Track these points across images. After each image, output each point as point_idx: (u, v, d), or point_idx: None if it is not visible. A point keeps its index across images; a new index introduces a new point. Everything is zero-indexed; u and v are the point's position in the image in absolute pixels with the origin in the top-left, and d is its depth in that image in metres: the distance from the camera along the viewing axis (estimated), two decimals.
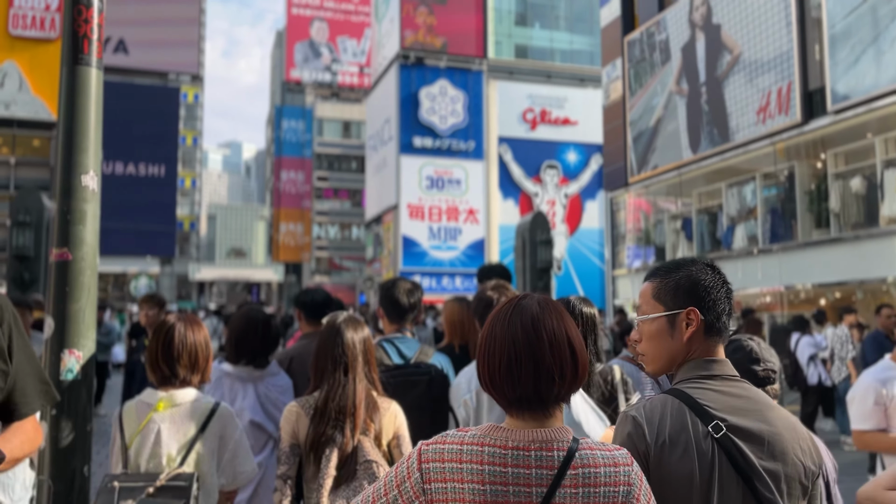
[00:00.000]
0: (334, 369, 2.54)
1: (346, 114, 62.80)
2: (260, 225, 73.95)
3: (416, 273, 39.62)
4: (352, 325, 2.64)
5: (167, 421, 2.44)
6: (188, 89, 63.38)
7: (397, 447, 2.57)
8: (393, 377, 2.96)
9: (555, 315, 1.42)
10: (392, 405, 2.63)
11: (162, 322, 2.67)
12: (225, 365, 3.52)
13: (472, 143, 41.21)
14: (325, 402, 2.49)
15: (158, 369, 2.55)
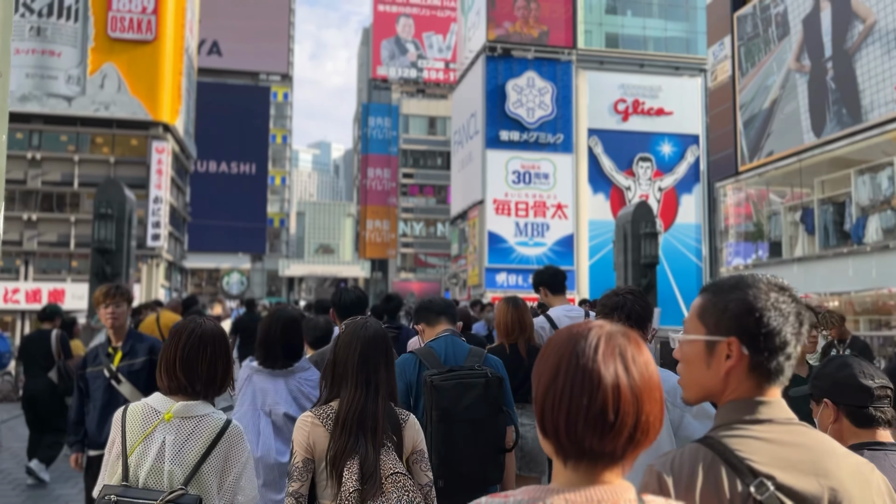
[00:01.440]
0: (353, 377, 2.40)
1: (432, 110, 62.56)
2: (347, 222, 74.80)
3: (502, 270, 38.81)
4: (373, 330, 2.48)
5: (174, 433, 2.28)
6: (278, 89, 64.60)
7: (417, 462, 2.44)
8: (446, 379, 2.89)
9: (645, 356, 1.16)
10: (410, 417, 2.49)
11: (184, 324, 2.45)
12: (255, 362, 3.56)
13: (561, 135, 40.11)
14: (346, 414, 2.35)
15: (174, 377, 2.35)
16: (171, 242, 46.00)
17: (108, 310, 4.12)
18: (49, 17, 39.26)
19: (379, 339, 2.48)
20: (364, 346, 2.44)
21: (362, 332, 2.48)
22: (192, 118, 49.49)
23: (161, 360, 2.41)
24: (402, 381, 3.10)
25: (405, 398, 3.12)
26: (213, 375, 2.41)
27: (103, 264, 11.81)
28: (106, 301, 4.13)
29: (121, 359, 4.16)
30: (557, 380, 1.14)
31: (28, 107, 39.29)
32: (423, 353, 3.23)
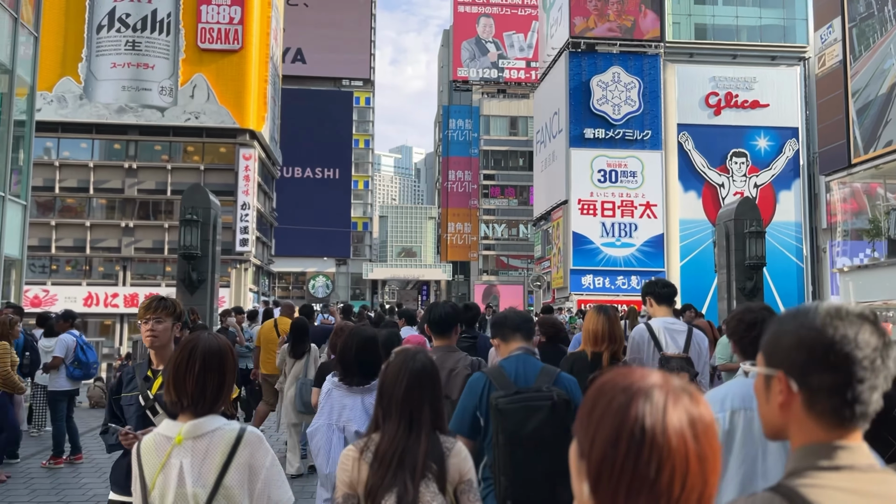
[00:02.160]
0: (398, 414, 2.36)
1: (513, 110, 61.91)
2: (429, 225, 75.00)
3: (588, 272, 37.80)
4: (420, 363, 2.43)
5: (189, 455, 2.23)
6: (360, 94, 65.34)
7: (465, 493, 2.37)
8: (512, 402, 2.87)
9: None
10: (457, 445, 2.42)
11: (188, 339, 2.38)
12: (336, 377, 3.67)
13: (649, 132, 38.83)
14: (387, 451, 2.31)
15: (183, 393, 2.29)
16: (259, 247, 47.03)
17: (147, 326, 3.46)
18: (143, 32, 40.81)
19: (426, 373, 2.43)
20: (410, 381, 2.39)
21: (410, 364, 2.43)
22: (277, 125, 50.55)
23: (166, 377, 2.36)
24: (472, 402, 3.09)
25: (470, 420, 3.09)
26: (202, 391, 2.28)
27: (189, 270, 11.75)
28: (146, 316, 3.49)
29: (161, 385, 3.40)
30: (619, 445, 1.02)
31: (124, 118, 40.95)
32: (493, 374, 3.17)
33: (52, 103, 40.40)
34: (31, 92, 14.93)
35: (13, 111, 14.04)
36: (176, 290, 12.16)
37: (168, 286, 37.82)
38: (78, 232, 41.80)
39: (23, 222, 14.24)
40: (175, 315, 3.53)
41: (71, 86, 40.58)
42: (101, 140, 41.98)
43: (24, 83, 14.58)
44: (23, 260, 14.33)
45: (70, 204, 42.39)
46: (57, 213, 42.15)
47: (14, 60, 13.76)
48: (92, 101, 40.76)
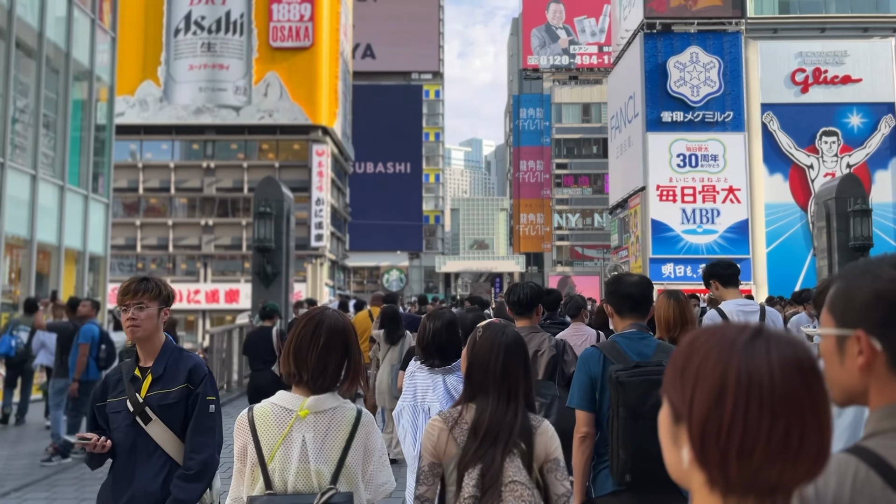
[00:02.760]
0: (495, 387, 2.33)
1: (585, 96, 60.56)
2: (501, 216, 74.38)
3: (668, 261, 36.56)
4: (512, 336, 2.41)
5: (312, 430, 2.20)
6: (430, 87, 65.27)
7: (552, 471, 2.32)
8: (633, 375, 2.83)
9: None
10: (543, 424, 2.38)
11: (317, 314, 2.31)
12: (417, 361, 3.73)
13: (730, 113, 37.18)
14: (486, 425, 2.29)
15: (304, 367, 2.22)
16: (334, 242, 47.55)
17: (127, 314, 2.82)
18: (217, 33, 41.75)
19: (519, 345, 2.41)
20: (507, 354, 2.36)
21: (503, 338, 2.40)
22: (349, 121, 50.97)
23: (287, 349, 2.29)
24: (586, 376, 3.04)
25: (590, 393, 3.02)
26: (323, 367, 2.23)
27: (264, 263, 11.65)
28: (125, 301, 2.83)
29: (150, 385, 2.87)
30: (725, 399, 0.92)
31: (202, 119, 42.03)
32: (606, 348, 3.10)
33: (134, 107, 41.82)
34: (111, 93, 15.24)
35: (94, 113, 14.34)
36: (252, 285, 12.10)
37: (247, 282, 38.62)
38: (161, 231, 43.23)
39: (105, 221, 14.57)
40: (161, 298, 2.90)
41: (151, 89, 41.93)
42: (180, 141, 43.25)
43: (103, 83, 14.87)
44: (106, 257, 14.65)
45: (153, 204, 43.85)
46: (142, 214, 43.66)
47: (93, 62, 14.04)
48: (171, 102, 42.00)
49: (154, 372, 2.87)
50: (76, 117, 13.66)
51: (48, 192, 12.31)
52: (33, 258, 11.68)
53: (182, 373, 2.87)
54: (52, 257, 12.46)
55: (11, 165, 11.39)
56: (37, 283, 11.94)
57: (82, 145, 13.65)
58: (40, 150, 12.01)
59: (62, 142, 12.76)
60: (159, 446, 2.81)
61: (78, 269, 13.32)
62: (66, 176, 12.67)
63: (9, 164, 11.23)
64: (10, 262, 11.81)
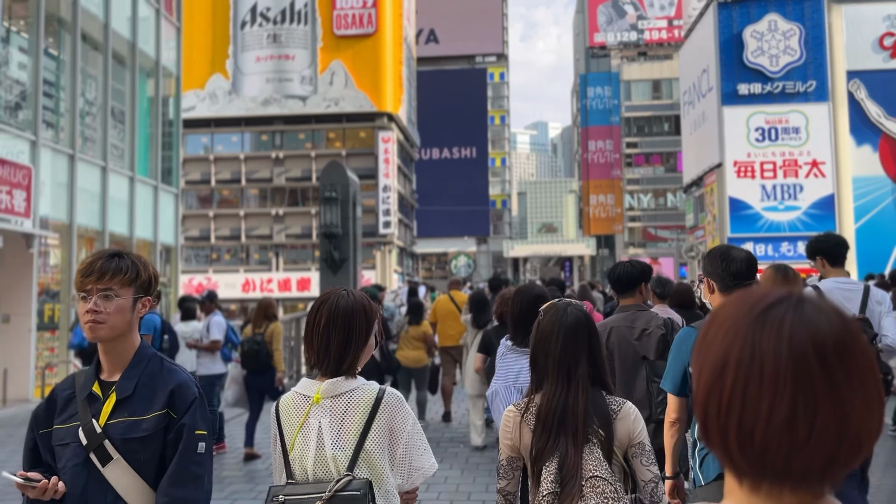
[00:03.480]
0: (554, 371, 2.26)
1: (655, 72, 58.70)
2: (569, 199, 73.11)
3: (748, 240, 35.19)
4: (574, 316, 2.30)
5: (328, 415, 2.11)
6: (494, 69, 64.48)
7: (637, 456, 2.20)
8: None
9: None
10: (625, 406, 2.25)
11: (326, 295, 2.20)
12: (509, 340, 3.69)
13: (813, 82, 35.43)
14: (547, 412, 2.21)
15: (325, 353, 2.13)
16: (401, 229, 47.60)
17: (87, 303, 1.97)
18: (283, 24, 42.11)
19: (581, 326, 2.31)
20: (565, 336, 2.29)
21: (563, 318, 2.32)
22: (413, 107, 50.80)
23: (307, 334, 2.20)
24: (682, 359, 2.93)
25: (686, 376, 2.91)
26: (325, 349, 2.14)
27: (331, 249, 11.42)
28: (85, 284, 1.98)
29: (113, 409, 2.00)
30: (725, 374, 0.84)
31: (270, 110, 42.56)
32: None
33: (204, 100, 42.68)
34: (178, 83, 15.33)
35: (161, 104, 14.44)
36: (320, 272, 11.93)
37: (317, 270, 39.01)
38: (233, 222, 44.12)
39: (175, 211, 14.68)
40: (139, 284, 2.04)
41: (220, 82, 42.69)
42: (249, 132, 43.95)
43: (170, 74, 14.97)
44: (177, 247, 14.78)
45: (225, 195, 44.77)
46: (215, 205, 44.66)
47: (159, 53, 14.11)
48: (240, 95, 42.68)
49: (120, 390, 2.01)
50: (144, 108, 13.78)
51: (118, 184, 12.44)
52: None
53: (161, 394, 2.02)
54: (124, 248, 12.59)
55: (81, 157, 11.52)
56: None
57: (151, 136, 13.76)
58: (109, 142, 12.12)
59: (130, 133, 12.88)
60: (121, 498, 1.97)
61: (150, 260, 13.39)
62: (135, 167, 12.78)
63: (79, 157, 11.35)
64: (84, 255, 12.01)
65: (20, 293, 9.99)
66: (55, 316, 11.16)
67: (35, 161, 10.30)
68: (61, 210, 11.02)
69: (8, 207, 9.44)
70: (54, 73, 11.33)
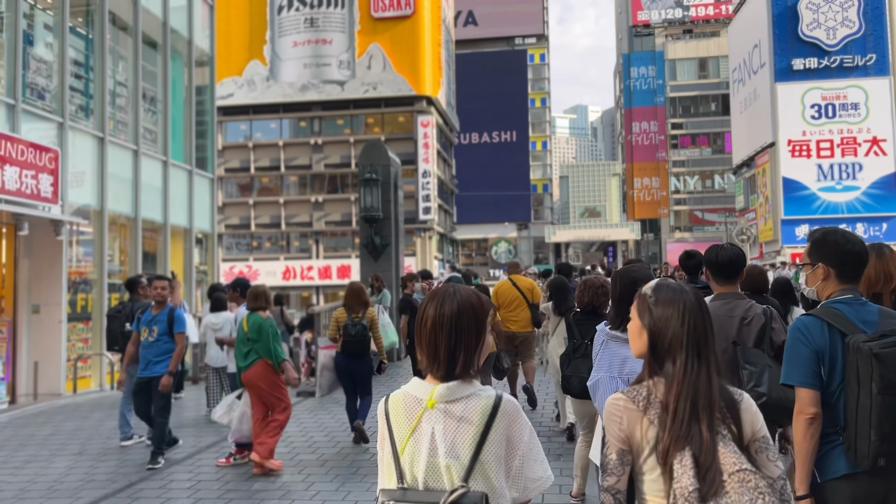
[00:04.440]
0: (682, 351, 2.08)
1: (701, 51, 56.84)
2: (612, 182, 71.58)
3: (803, 222, 33.96)
4: (695, 295, 2.17)
5: (442, 421, 2.03)
6: (534, 51, 63.14)
7: (762, 451, 2.08)
8: (886, 346, 2.54)
9: None
10: (745, 398, 2.13)
11: (433, 293, 2.13)
12: (608, 326, 3.51)
13: (873, 55, 33.94)
14: (678, 395, 2.04)
15: (434, 353, 2.06)
16: (441, 215, 46.94)
17: None
18: (320, 7, 41.55)
19: (703, 306, 2.15)
20: (692, 313, 2.12)
21: (685, 296, 2.15)
22: (453, 90, 49.92)
23: (417, 333, 2.15)
24: (809, 348, 2.67)
25: (815, 368, 2.66)
26: (475, 346, 2.07)
27: (371, 234, 10.75)
28: None
29: None
30: None
31: (308, 95, 42.14)
32: (830, 316, 2.71)
33: (242, 87, 42.45)
34: (211, 63, 14.79)
35: (195, 85, 13.90)
36: (360, 258, 11.29)
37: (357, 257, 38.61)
38: (273, 209, 43.95)
39: (211, 196, 14.17)
40: None
41: (258, 68, 42.38)
42: (288, 119, 43.62)
43: (203, 54, 14.42)
44: (213, 234, 14.29)
45: (265, 183, 44.61)
46: (255, 193, 44.54)
47: (192, 32, 13.56)
48: (277, 81, 42.33)
49: None
50: (177, 90, 13.27)
51: (151, 168, 11.95)
52: (139, 236, 11.34)
53: None
54: (158, 235, 12.12)
55: (112, 140, 11.03)
56: (144, 261, 11.64)
57: (185, 118, 13.25)
58: (141, 125, 11.63)
59: (164, 116, 12.37)
60: None
61: (186, 247, 12.98)
62: (168, 151, 12.28)
63: (109, 139, 10.86)
64: (118, 242, 11.55)
65: (50, 283, 9.58)
66: (88, 306, 10.75)
67: (63, 144, 9.85)
68: (92, 195, 10.57)
69: (34, 192, 8.99)
70: (82, 52, 10.86)
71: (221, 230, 43.69)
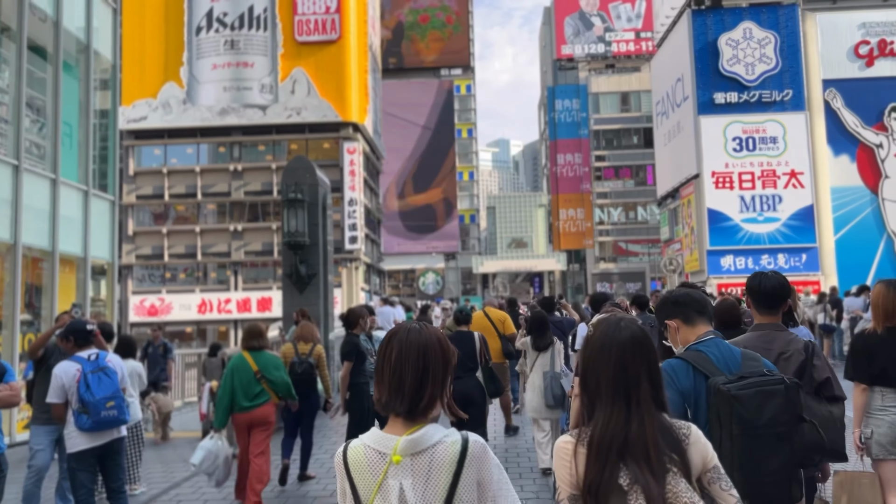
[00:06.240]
0: (610, 394, 2.07)
1: (623, 85, 58.04)
2: (539, 213, 72.01)
3: (728, 252, 34.32)
4: (630, 331, 2.13)
5: (409, 476, 1.96)
6: (460, 82, 63.09)
7: (715, 482, 2.08)
8: (745, 387, 2.66)
9: None
10: (693, 430, 2.12)
11: (397, 327, 2.11)
12: None
13: (789, 91, 34.85)
14: (601, 439, 2.03)
15: (398, 387, 2.01)
16: (368, 245, 45.62)
17: None
18: (241, 30, 40.04)
19: (638, 342, 2.12)
20: (620, 353, 2.08)
21: (616, 334, 2.12)
22: (379, 118, 49.00)
23: (377, 375, 2.09)
24: (675, 391, 2.74)
25: (680, 410, 2.72)
26: (439, 390, 2.04)
27: (296, 262, 9.42)
28: None
29: None
30: None
31: (227, 120, 40.32)
32: (695, 359, 2.84)
33: (157, 110, 40.31)
34: (115, 72, 13.21)
35: (92, 96, 12.28)
36: (283, 290, 9.93)
37: (279, 288, 36.83)
38: (189, 238, 41.64)
39: (112, 221, 12.48)
40: None
41: (174, 91, 40.36)
42: (206, 143, 41.63)
43: (104, 61, 12.85)
44: (114, 263, 12.58)
45: (181, 211, 42.32)
46: (170, 221, 42.15)
47: (90, 35, 12.01)
48: (195, 104, 40.39)
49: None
50: (72, 100, 11.66)
51: (36, 187, 10.26)
52: (18, 264, 9.61)
53: None
54: (44, 264, 10.40)
55: None
56: (28, 294, 9.92)
57: (80, 131, 11.63)
58: (24, 137, 9.97)
59: (53, 127, 10.72)
60: None
61: (80, 278, 11.26)
62: (58, 168, 10.59)
63: None
64: None
65: None
66: None
67: None
68: None
69: None
70: None
71: (131, 261, 40.97)
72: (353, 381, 6.53)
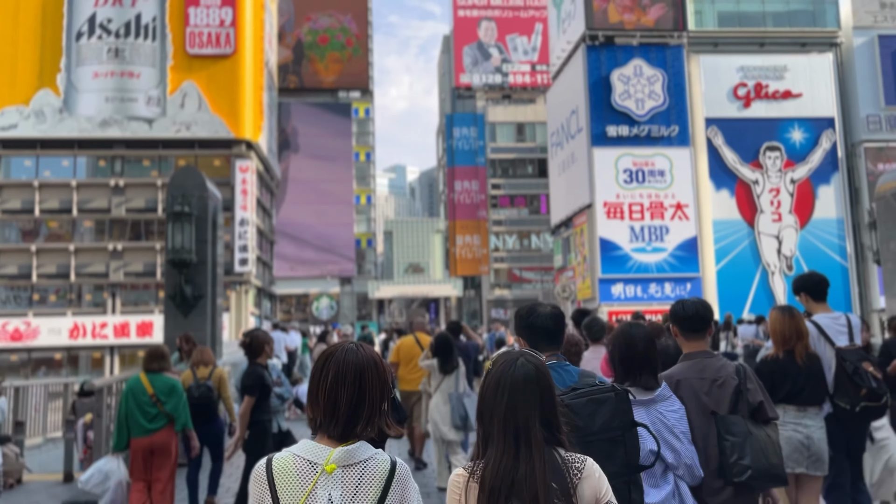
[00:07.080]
0: (501, 433, 2.05)
1: (520, 115, 59.35)
2: (436, 239, 72.03)
3: (618, 280, 35.32)
4: (524, 370, 2.10)
5: (339, 487, 1.96)
6: (359, 105, 62.54)
7: None
8: (576, 397, 2.77)
9: None
10: (587, 464, 2.14)
11: (332, 348, 2.08)
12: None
13: (676, 127, 36.50)
14: (492, 480, 2.02)
15: (332, 409, 2.01)
16: (259, 267, 43.93)
17: None
18: (126, 38, 37.92)
19: (531, 379, 2.08)
20: (511, 393, 2.06)
21: (511, 371, 2.09)
22: (274, 136, 47.63)
23: (311, 392, 2.08)
24: None
25: None
26: (376, 407, 2.04)
27: (181, 282, 8.52)
28: None
29: None
30: None
31: (109, 132, 37.94)
32: None
33: (29, 118, 37.42)
34: None
35: None
36: (165, 313, 8.97)
37: (161, 312, 34.66)
38: (62, 257, 38.63)
39: None
40: None
41: (50, 98, 37.60)
42: (84, 156, 38.92)
43: None
44: None
45: (53, 228, 39.25)
46: (41, 239, 38.99)
47: None
48: (73, 114, 37.75)
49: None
50: None
51: None
52: None
53: None
54: None
55: None
56: None
57: None
58: None
59: None
60: None
61: None
62: None
63: None
64: None
65: None
66: None
67: None
68: None
69: None
70: None
71: None
72: (255, 419, 5.74)
